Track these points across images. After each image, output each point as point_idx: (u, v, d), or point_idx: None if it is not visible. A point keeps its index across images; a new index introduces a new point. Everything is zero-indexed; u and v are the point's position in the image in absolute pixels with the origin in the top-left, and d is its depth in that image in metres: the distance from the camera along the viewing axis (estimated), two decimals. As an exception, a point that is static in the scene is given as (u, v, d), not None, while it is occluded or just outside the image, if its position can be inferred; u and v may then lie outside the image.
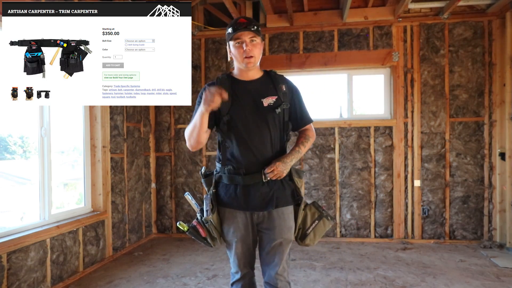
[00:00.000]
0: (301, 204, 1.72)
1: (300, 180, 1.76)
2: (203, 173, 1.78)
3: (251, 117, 1.66)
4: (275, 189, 1.66)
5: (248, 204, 1.65)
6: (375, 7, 4.28)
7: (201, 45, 4.64)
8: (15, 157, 3.10)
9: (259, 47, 1.69)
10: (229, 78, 1.73)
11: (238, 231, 1.68)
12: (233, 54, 1.70)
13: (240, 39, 1.63)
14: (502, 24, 4.00)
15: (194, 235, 1.70)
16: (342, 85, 4.54)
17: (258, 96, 1.68)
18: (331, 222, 1.74)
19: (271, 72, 1.78)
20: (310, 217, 1.73)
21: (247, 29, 1.62)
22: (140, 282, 3.12)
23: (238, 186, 1.66)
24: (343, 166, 4.40)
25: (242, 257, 1.72)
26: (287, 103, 1.71)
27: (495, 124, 4.07)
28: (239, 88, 1.70)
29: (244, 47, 1.63)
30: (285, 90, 1.73)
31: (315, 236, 1.73)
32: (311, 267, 3.38)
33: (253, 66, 1.67)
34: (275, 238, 1.67)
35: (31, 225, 2.86)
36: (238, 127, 1.65)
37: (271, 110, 1.67)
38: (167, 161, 4.74)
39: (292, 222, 1.71)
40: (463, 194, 4.19)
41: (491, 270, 3.26)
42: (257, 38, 1.66)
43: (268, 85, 1.73)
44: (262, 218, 1.68)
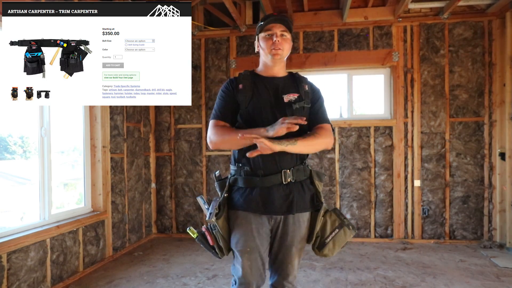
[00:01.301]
0: (321, 210, 1.60)
1: (321, 184, 1.66)
2: (217, 176, 1.67)
3: (270, 112, 1.58)
4: (295, 192, 1.56)
5: (266, 207, 1.53)
6: (375, 7, 4.28)
7: (201, 45, 4.64)
8: (15, 157, 3.10)
9: (289, 43, 1.64)
10: (252, 74, 1.69)
11: (251, 239, 1.54)
12: (261, 47, 1.64)
13: (271, 31, 1.59)
14: (502, 24, 4.00)
15: (203, 243, 1.60)
16: (342, 85, 4.54)
17: (279, 92, 1.63)
18: (352, 232, 1.60)
19: (295, 73, 1.74)
20: (330, 225, 1.60)
21: (279, 21, 1.58)
22: (140, 282, 3.12)
23: (255, 188, 1.55)
24: (343, 166, 4.40)
25: (252, 272, 1.56)
26: (308, 102, 1.64)
27: (495, 124, 4.07)
28: (260, 83, 1.65)
29: (274, 39, 1.59)
30: (308, 90, 1.68)
31: (335, 246, 1.59)
32: (311, 267, 3.38)
33: (279, 58, 1.62)
34: (287, 245, 1.58)
35: (31, 225, 2.86)
36: (256, 122, 1.56)
37: (291, 107, 1.60)
38: (167, 161, 4.74)
39: (306, 231, 1.61)
40: (463, 194, 4.19)
41: (491, 270, 3.26)
42: (288, 34, 1.62)
43: (291, 83, 1.68)
44: (278, 223, 1.58)
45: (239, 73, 1.69)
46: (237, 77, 1.68)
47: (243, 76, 1.66)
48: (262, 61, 1.69)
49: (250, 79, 1.65)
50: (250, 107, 1.59)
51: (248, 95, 1.60)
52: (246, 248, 1.54)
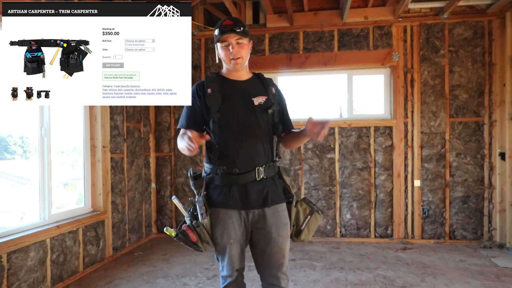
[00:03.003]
0: (293, 201, 1.74)
1: (288, 178, 1.79)
2: (192, 174, 1.75)
3: (243, 115, 1.67)
4: (268, 186, 1.67)
5: (244, 203, 1.63)
6: (375, 7, 4.28)
7: (201, 45, 4.64)
8: (15, 157, 3.10)
9: (246, 48, 1.70)
10: (218, 77, 1.75)
11: (233, 232, 1.64)
12: (221, 56, 1.72)
13: (226, 42, 1.65)
14: (502, 24, 4.00)
15: (183, 240, 1.65)
16: (342, 85, 4.54)
17: (248, 95, 1.71)
18: (321, 215, 1.78)
19: (259, 75, 1.82)
20: (303, 213, 1.75)
21: (233, 31, 1.62)
22: (140, 282, 3.12)
23: (232, 186, 1.65)
24: (343, 166, 4.40)
25: (237, 259, 1.67)
26: (276, 105, 1.75)
27: (495, 124, 4.07)
28: (228, 87, 1.72)
29: (230, 49, 1.65)
30: (274, 93, 1.77)
31: (309, 231, 1.75)
32: (311, 267, 3.38)
33: (240, 66, 1.70)
34: (272, 236, 1.65)
35: (31, 225, 2.86)
36: (230, 125, 1.66)
37: (262, 110, 1.70)
38: (167, 161, 4.74)
39: (287, 219, 1.72)
40: (463, 194, 4.18)
41: (491, 270, 3.26)
42: (244, 40, 1.67)
43: (258, 85, 1.76)
44: (258, 218, 1.67)
45: (205, 76, 1.77)
46: (203, 81, 1.74)
47: (210, 79, 1.73)
48: (225, 67, 1.76)
49: (217, 82, 1.72)
50: (222, 110, 1.66)
51: (218, 99, 1.67)
52: (229, 240, 1.65)
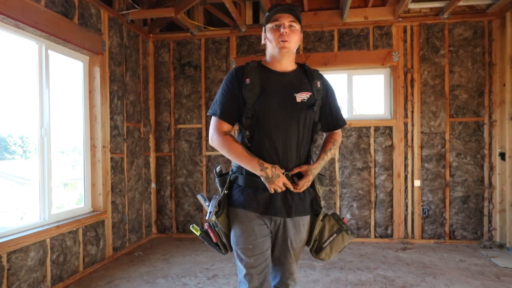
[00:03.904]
0: (320, 214, 1.58)
1: (322, 188, 1.62)
2: (218, 172, 1.61)
3: (280, 112, 1.48)
4: (295, 195, 1.52)
5: (266, 208, 1.49)
6: (375, 7, 4.28)
7: (201, 45, 4.64)
8: (15, 157, 3.09)
9: (298, 35, 1.54)
10: (259, 66, 1.56)
11: (252, 236, 1.49)
12: (268, 38, 1.53)
13: (278, 21, 1.49)
14: (502, 24, 4.00)
15: (207, 240, 1.58)
16: (342, 85, 4.54)
17: (291, 89, 1.52)
18: (351, 237, 1.58)
19: (305, 66, 1.64)
20: (328, 230, 1.58)
21: (289, 11, 1.48)
22: (140, 282, 3.12)
23: (256, 189, 1.49)
24: (343, 166, 4.40)
25: (258, 267, 1.50)
26: (319, 103, 1.57)
27: (495, 124, 4.07)
28: (269, 79, 1.53)
29: (281, 30, 1.48)
30: (319, 87, 1.58)
31: (332, 250, 1.57)
32: (311, 267, 3.38)
33: (287, 52, 1.51)
34: (289, 247, 1.55)
35: (31, 225, 2.86)
36: (264, 122, 1.48)
37: (304, 107, 1.50)
38: (167, 161, 4.74)
39: (306, 235, 1.59)
40: (463, 194, 4.18)
41: (491, 270, 3.26)
42: (297, 25, 1.52)
43: (302, 80, 1.58)
44: (278, 227, 1.54)
45: (245, 63, 1.56)
46: (243, 68, 1.55)
47: (250, 68, 1.54)
48: (269, 53, 1.58)
49: (258, 72, 1.53)
50: (257, 105, 1.48)
51: (255, 91, 1.49)
52: (248, 246, 1.49)
